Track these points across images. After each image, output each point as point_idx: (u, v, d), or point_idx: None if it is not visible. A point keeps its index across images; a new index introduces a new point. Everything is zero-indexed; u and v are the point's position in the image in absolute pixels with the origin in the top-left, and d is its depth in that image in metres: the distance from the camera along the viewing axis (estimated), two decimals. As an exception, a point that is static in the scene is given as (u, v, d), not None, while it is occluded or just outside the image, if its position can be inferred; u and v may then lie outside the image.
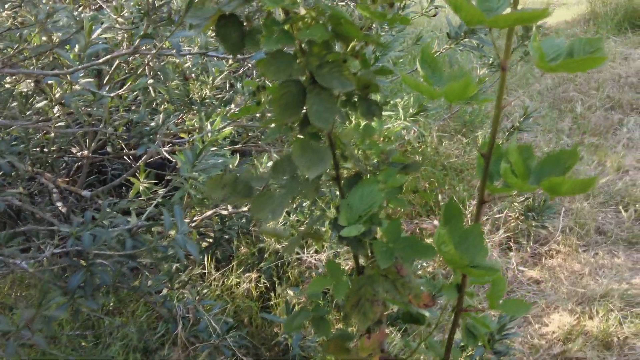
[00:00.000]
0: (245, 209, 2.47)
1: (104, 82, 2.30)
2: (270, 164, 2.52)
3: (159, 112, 2.70)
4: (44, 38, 1.58)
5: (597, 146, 3.67)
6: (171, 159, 2.95)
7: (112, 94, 1.60)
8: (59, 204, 2.58)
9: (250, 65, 3.17)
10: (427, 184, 2.98)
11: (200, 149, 2.06)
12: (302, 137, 1.13)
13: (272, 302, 2.39)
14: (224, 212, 2.37)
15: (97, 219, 1.68)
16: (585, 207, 2.89)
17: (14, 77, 2.08)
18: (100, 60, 1.53)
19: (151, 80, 2.19)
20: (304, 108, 1.05)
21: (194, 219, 2.43)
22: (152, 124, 2.10)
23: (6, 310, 2.47)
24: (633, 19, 6.32)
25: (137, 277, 2.19)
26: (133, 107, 2.55)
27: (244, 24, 1.04)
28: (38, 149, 2.62)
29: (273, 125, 1.18)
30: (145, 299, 2.17)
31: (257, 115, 2.64)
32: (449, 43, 2.60)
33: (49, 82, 1.90)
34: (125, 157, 2.80)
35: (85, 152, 2.54)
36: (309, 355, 2.16)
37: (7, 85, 2.12)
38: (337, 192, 1.23)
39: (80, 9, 2.27)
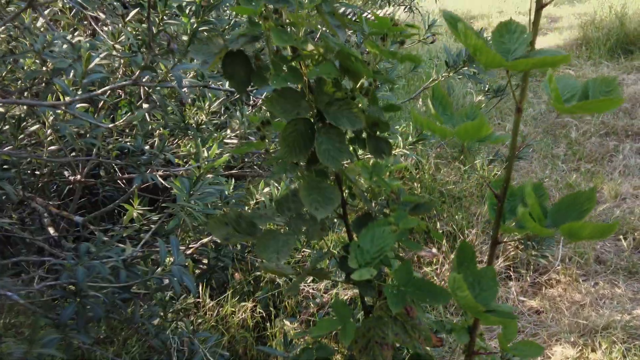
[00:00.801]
0: (241, 237, 2.42)
1: (99, 106, 2.27)
2: (266, 190, 2.49)
3: (153, 136, 2.66)
4: (43, 68, 1.54)
5: (593, 173, 3.67)
6: (166, 185, 2.91)
7: (109, 125, 1.57)
8: (50, 229, 2.53)
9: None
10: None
11: (196, 176, 2.03)
12: (308, 175, 1.10)
13: (268, 333, 2.34)
14: (220, 240, 2.32)
15: (92, 252, 1.63)
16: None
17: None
18: (99, 92, 1.50)
19: (146, 105, 2.16)
20: (312, 146, 1.03)
21: (190, 246, 2.39)
22: (147, 147, 2.06)
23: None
24: (625, 44, 6.38)
25: (129, 305, 2.13)
26: (127, 130, 2.52)
27: (252, 61, 1.01)
28: (29, 172, 2.57)
29: (279, 162, 1.15)
30: (138, 330, 2.12)
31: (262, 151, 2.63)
32: (448, 71, 2.59)
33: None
34: (118, 181, 2.75)
35: (78, 177, 2.50)
36: (306, 389, 2.10)
37: (0, 109, 2.08)
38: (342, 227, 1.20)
39: (76, 34, 2.24)
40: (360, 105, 1.05)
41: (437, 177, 3.24)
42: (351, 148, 1.16)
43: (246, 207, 2.37)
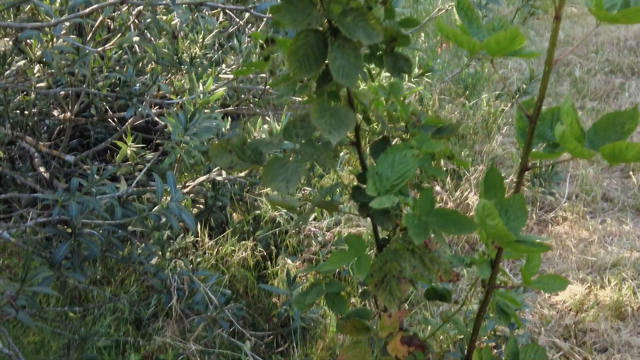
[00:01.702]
0: (241, 175, 2.34)
1: (87, 39, 2.14)
2: (265, 127, 2.38)
3: (145, 72, 2.54)
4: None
5: (598, 110, 3.58)
6: (157, 122, 2.80)
7: (97, 49, 1.45)
8: (41, 169, 2.44)
9: (242, 22, 3.00)
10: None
11: (192, 111, 1.93)
12: (319, 96, 1.00)
13: (268, 272, 2.29)
14: (219, 178, 2.24)
15: (84, 186, 1.55)
16: (590, 173, 2.80)
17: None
18: (86, 11, 1.37)
19: (137, 38, 2.03)
20: (324, 62, 0.93)
21: (186, 185, 2.30)
22: (138, 85, 1.96)
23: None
24: (630, -20, 6.18)
25: (126, 245, 2.07)
26: (117, 68, 2.40)
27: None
28: (18, 111, 2.46)
29: (285, 83, 1.05)
30: (136, 269, 2.06)
31: (258, 74, 2.51)
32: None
33: (29, 40, 1.74)
34: (110, 119, 2.64)
35: (68, 115, 2.39)
36: (309, 327, 2.07)
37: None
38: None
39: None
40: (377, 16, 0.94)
41: (440, 114, 3.14)
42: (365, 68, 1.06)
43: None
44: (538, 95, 0.90)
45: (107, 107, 2.60)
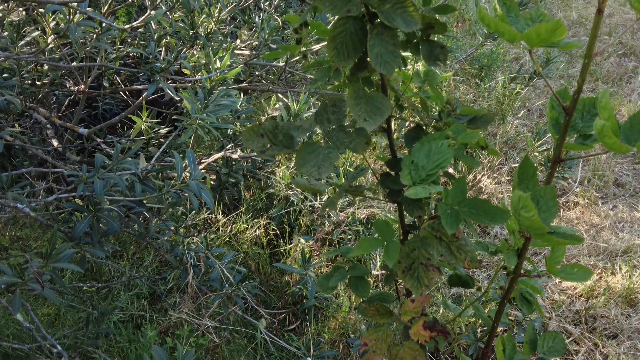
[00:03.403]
0: (253, 153, 2.34)
1: (104, 12, 2.12)
2: (279, 104, 2.38)
3: (159, 46, 2.52)
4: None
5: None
6: (165, 96, 2.79)
7: (125, 27, 1.44)
8: (53, 141, 2.44)
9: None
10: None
11: (209, 88, 1.92)
12: (354, 82, 1.00)
13: (281, 250, 2.31)
14: (234, 156, 2.25)
15: (107, 164, 1.55)
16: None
17: (5, 5, 1.91)
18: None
19: (154, 12, 2.02)
20: (362, 50, 0.92)
21: (202, 161, 2.31)
22: (159, 63, 1.94)
23: (2, 252, 2.36)
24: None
25: (139, 220, 2.08)
26: (129, 40, 2.38)
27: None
28: (29, 82, 2.45)
29: (319, 68, 1.04)
30: (152, 244, 2.08)
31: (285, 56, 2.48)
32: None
33: (41, 10, 1.73)
34: (121, 92, 2.63)
35: (82, 87, 2.38)
36: (322, 305, 2.10)
37: (-2, 14, 1.94)
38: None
39: None
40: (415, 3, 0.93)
41: (455, 94, 3.12)
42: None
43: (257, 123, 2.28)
44: (576, 89, 0.90)
45: (119, 80, 2.59)
